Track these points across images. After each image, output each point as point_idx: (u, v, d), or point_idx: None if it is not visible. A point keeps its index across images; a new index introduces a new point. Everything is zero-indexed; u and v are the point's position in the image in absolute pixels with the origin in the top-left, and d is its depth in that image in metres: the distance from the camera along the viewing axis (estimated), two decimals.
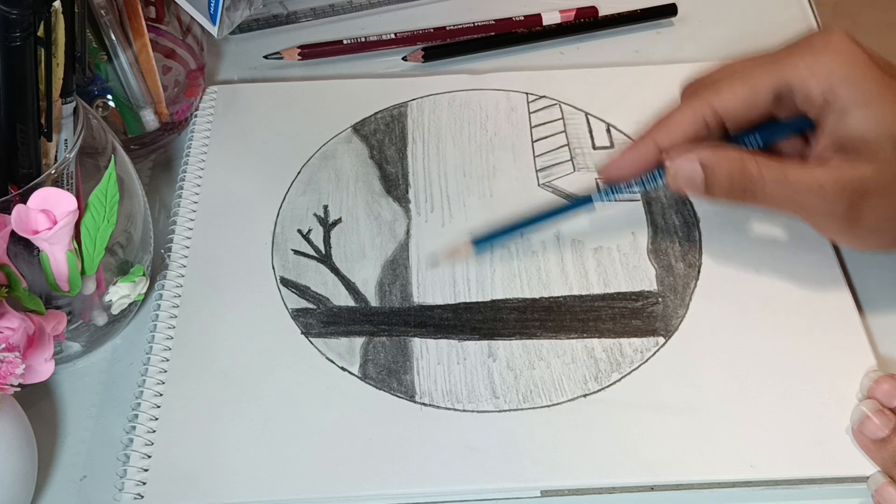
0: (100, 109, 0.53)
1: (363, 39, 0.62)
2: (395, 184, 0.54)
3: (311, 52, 0.62)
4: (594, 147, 0.55)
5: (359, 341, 0.47)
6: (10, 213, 0.39)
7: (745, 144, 0.47)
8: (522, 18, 0.64)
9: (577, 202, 0.50)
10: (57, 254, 0.41)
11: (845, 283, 0.49)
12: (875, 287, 0.49)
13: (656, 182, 0.47)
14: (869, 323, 0.47)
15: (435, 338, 0.47)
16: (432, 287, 0.49)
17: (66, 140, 0.44)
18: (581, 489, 0.42)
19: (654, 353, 0.46)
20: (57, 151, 0.44)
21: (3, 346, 0.37)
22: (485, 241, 0.50)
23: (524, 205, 0.52)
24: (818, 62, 0.44)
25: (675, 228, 0.51)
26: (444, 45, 0.62)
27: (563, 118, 0.57)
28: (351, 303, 0.49)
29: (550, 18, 0.64)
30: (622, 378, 0.45)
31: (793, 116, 0.46)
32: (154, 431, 0.44)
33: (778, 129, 0.47)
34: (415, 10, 0.65)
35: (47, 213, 0.40)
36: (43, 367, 0.40)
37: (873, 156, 0.43)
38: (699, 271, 0.49)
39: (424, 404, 0.45)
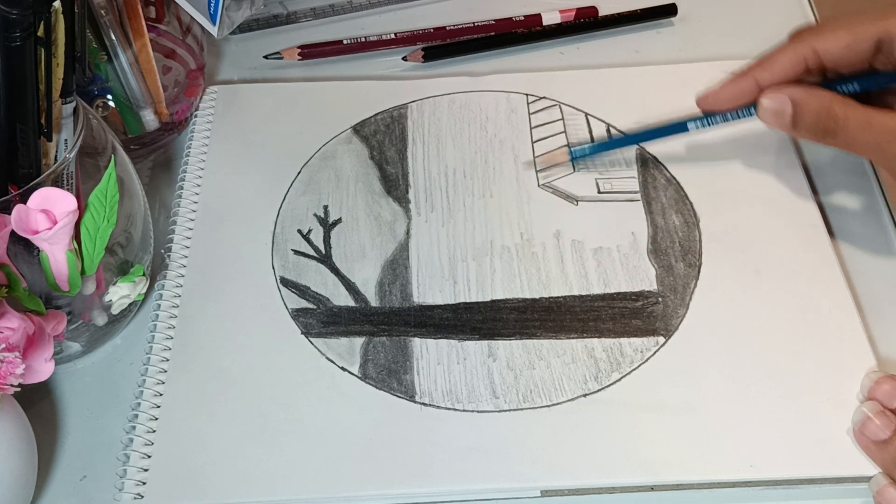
0: (100, 109, 0.53)
1: (363, 39, 0.62)
2: (395, 184, 0.54)
3: (311, 52, 0.62)
4: None
5: (359, 341, 0.47)
6: (10, 213, 0.39)
7: (840, 90, 0.48)
8: (522, 18, 0.64)
9: (672, 127, 0.52)
10: (57, 254, 0.41)
11: (845, 283, 0.49)
12: (875, 287, 0.49)
13: (749, 114, 0.50)
14: (869, 323, 0.47)
15: (435, 338, 0.47)
16: (432, 287, 0.49)
17: (66, 140, 0.44)
18: (581, 489, 0.42)
19: (654, 352, 0.46)
20: (57, 151, 0.44)
21: (3, 346, 0.37)
22: (581, 151, 0.53)
23: (524, 205, 0.52)
24: None
25: (675, 228, 0.51)
26: (444, 45, 0.62)
27: (563, 119, 0.57)
28: (351, 303, 0.49)
29: (550, 18, 0.64)
30: (622, 378, 0.45)
31: (892, 68, 0.48)
32: (154, 431, 0.44)
33: (875, 80, 0.49)
34: (415, 10, 0.65)
35: (47, 213, 0.40)
36: (43, 367, 0.40)
37: None
38: (699, 271, 0.49)
39: (424, 404, 0.45)
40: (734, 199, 0.52)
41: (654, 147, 0.55)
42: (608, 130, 0.56)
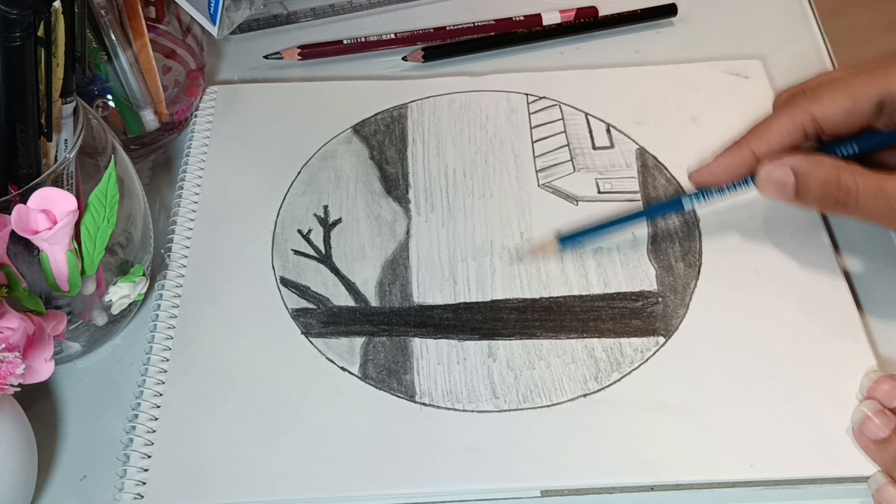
0: (100, 109, 0.53)
1: (363, 39, 0.62)
2: (395, 184, 0.54)
3: (311, 52, 0.62)
4: (594, 147, 0.55)
5: (359, 341, 0.47)
6: (10, 213, 0.39)
7: (839, 153, 0.46)
8: (522, 18, 0.64)
9: (666, 205, 0.51)
10: (57, 254, 0.41)
11: (845, 283, 0.49)
12: (875, 287, 0.49)
13: (746, 186, 0.48)
14: (869, 323, 0.47)
15: (435, 338, 0.47)
16: (432, 287, 0.49)
17: (66, 140, 0.44)
18: (581, 489, 0.42)
19: (654, 352, 0.46)
20: (57, 151, 0.44)
21: (3, 346, 0.37)
22: (570, 239, 0.50)
23: (524, 205, 0.52)
24: None
25: (675, 228, 0.51)
26: (444, 45, 0.62)
27: (563, 119, 0.57)
28: (351, 303, 0.49)
29: (550, 18, 0.64)
30: (622, 378, 0.45)
31: (893, 128, 0.46)
32: (154, 431, 0.44)
33: (876, 139, 0.47)
34: (415, 10, 0.65)
35: (47, 213, 0.40)
36: (43, 367, 0.40)
37: None
38: (699, 271, 0.49)
39: (424, 404, 0.45)
40: (734, 198, 0.52)
41: (655, 148, 0.55)
42: (608, 131, 0.56)
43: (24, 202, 0.39)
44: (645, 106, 0.57)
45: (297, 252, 0.51)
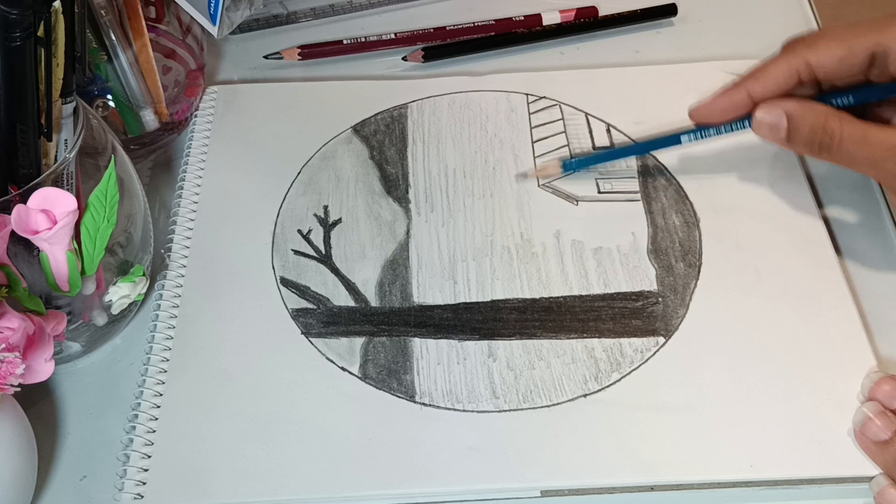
0: (100, 109, 0.53)
1: (363, 39, 0.62)
2: (395, 184, 0.54)
3: (311, 52, 0.62)
4: (594, 147, 0.55)
5: (359, 341, 0.47)
6: (10, 213, 0.39)
7: (835, 104, 0.48)
8: (522, 18, 0.64)
9: (665, 140, 0.52)
10: (57, 254, 0.41)
11: (845, 283, 0.49)
12: (875, 287, 0.49)
13: (742, 127, 0.50)
14: (869, 323, 0.47)
15: (435, 338, 0.47)
16: (432, 287, 0.49)
17: (66, 140, 0.44)
18: (581, 489, 0.42)
19: (654, 353, 0.46)
20: (57, 151, 0.44)
21: (3, 346, 0.37)
22: (573, 163, 0.53)
23: (524, 205, 0.52)
24: None
25: (675, 228, 0.51)
26: (444, 46, 0.62)
27: (563, 118, 0.57)
28: (351, 303, 0.49)
29: (550, 18, 0.64)
30: (622, 378, 0.45)
31: (886, 81, 0.47)
32: (154, 431, 0.44)
33: (871, 92, 0.48)
34: (415, 10, 0.65)
35: (47, 213, 0.40)
36: (43, 367, 0.40)
37: None
38: (699, 271, 0.49)
39: (424, 404, 0.45)
40: (734, 199, 0.52)
41: None
42: (608, 131, 0.56)
43: (24, 202, 0.39)
44: (645, 106, 0.57)
45: (297, 252, 0.51)
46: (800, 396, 0.44)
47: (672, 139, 0.52)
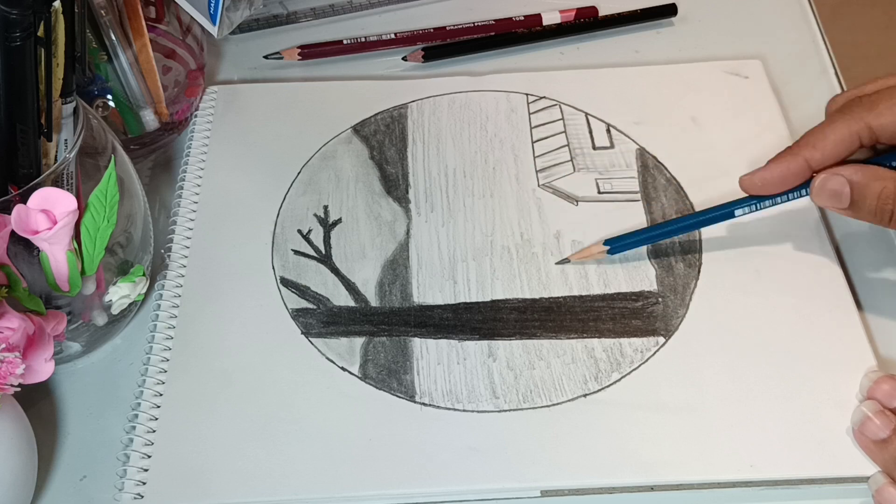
0: (100, 109, 0.53)
1: (363, 39, 0.62)
2: (395, 184, 0.54)
3: (311, 52, 0.62)
4: (594, 147, 0.55)
5: (359, 341, 0.47)
6: (10, 213, 0.39)
7: (893, 165, 0.46)
8: (522, 18, 0.64)
9: (718, 214, 0.49)
10: (57, 254, 0.41)
11: (845, 283, 0.49)
12: (875, 287, 0.49)
13: (800, 195, 0.47)
14: (869, 323, 0.47)
15: (435, 338, 0.47)
16: (432, 287, 0.49)
17: (66, 140, 0.44)
18: (581, 489, 0.42)
19: (654, 353, 0.46)
20: (57, 151, 0.44)
21: (3, 346, 0.37)
22: (618, 244, 0.49)
23: (524, 205, 0.52)
24: None
25: None
26: (443, 45, 0.62)
27: (563, 119, 0.57)
28: (351, 303, 0.49)
29: (550, 18, 0.64)
30: (622, 378, 0.45)
31: None
32: (154, 431, 0.44)
33: None
34: (415, 10, 0.65)
35: (47, 213, 0.40)
36: (43, 367, 0.40)
37: None
38: (699, 271, 0.49)
39: (424, 404, 0.45)
40: (734, 199, 0.52)
41: (655, 148, 0.55)
42: (608, 131, 0.56)
43: (24, 202, 0.39)
44: (645, 106, 0.57)
45: (297, 252, 0.51)
46: (800, 396, 0.44)
47: (725, 213, 0.49)
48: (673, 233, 0.50)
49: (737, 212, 0.49)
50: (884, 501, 0.41)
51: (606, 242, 0.49)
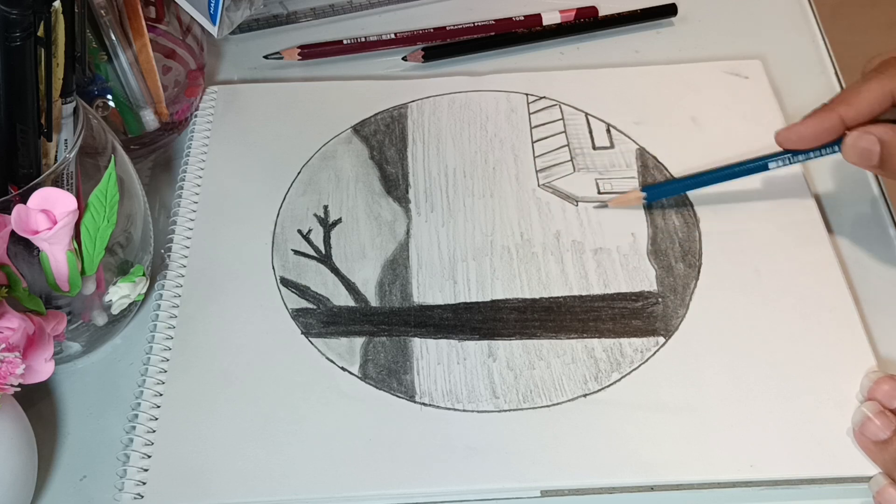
0: (100, 109, 0.53)
1: (363, 39, 0.62)
2: (395, 184, 0.54)
3: (311, 52, 0.62)
4: (594, 147, 0.55)
5: (359, 341, 0.47)
6: (10, 213, 0.39)
7: None
8: (522, 18, 0.64)
9: (751, 165, 0.50)
10: (57, 254, 0.41)
11: (845, 283, 0.49)
12: (875, 287, 0.49)
13: (832, 151, 0.48)
14: (869, 323, 0.47)
15: (435, 338, 0.47)
16: (432, 287, 0.49)
17: (66, 140, 0.44)
18: (581, 489, 0.42)
19: (654, 353, 0.46)
20: (57, 151, 0.44)
21: (3, 346, 0.37)
22: (655, 190, 0.51)
23: (524, 205, 0.52)
24: None
25: (675, 228, 0.51)
26: (443, 45, 0.62)
27: (563, 119, 0.57)
28: (351, 303, 0.49)
29: (550, 18, 0.64)
30: (622, 378, 0.45)
31: None
32: (154, 431, 0.44)
33: None
34: (415, 10, 0.65)
35: (47, 213, 0.40)
36: (43, 367, 0.40)
37: None
38: (699, 271, 0.49)
39: (424, 404, 0.45)
40: (734, 199, 0.52)
41: (655, 148, 0.55)
42: (608, 131, 0.56)
43: (24, 202, 0.39)
44: (645, 106, 0.57)
45: (297, 252, 0.51)
46: (800, 396, 0.44)
47: (759, 165, 0.50)
48: (707, 182, 0.51)
49: (770, 164, 0.50)
50: (885, 503, 0.41)
51: (644, 189, 0.51)
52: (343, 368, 0.46)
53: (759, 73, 0.59)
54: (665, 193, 0.52)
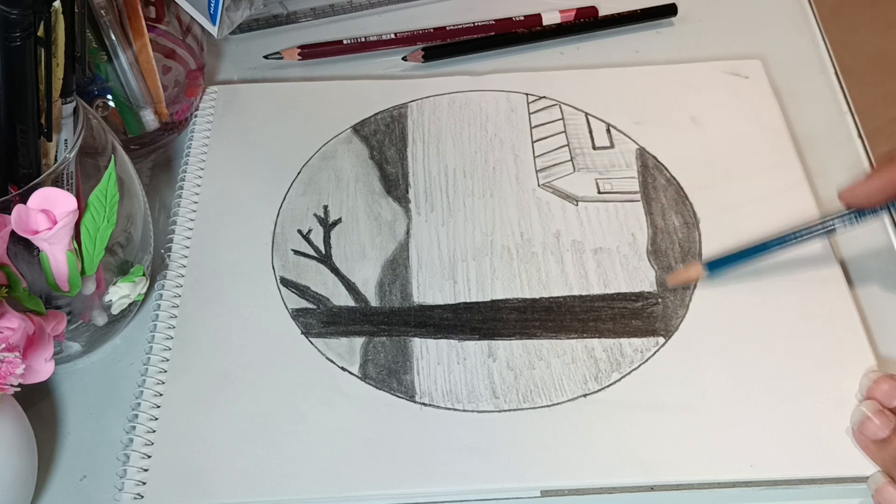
0: (100, 109, 0.53)
1: (363, 39, 0.62)
2: (395, 184, 0.54)
3: (311, 52, 0.62)
4: (594, 147, 0.55)
5: (359, 341, 0.47)
6: (10, 213, 0.39)
7: None
8: (522, 18, 0.64)
9: (819, 229, 0.47)
10: (57, 254, 0.41)
11: (845, 283, 0.49)
12: (875, 287, 0.49)
13: None
14: (869, 323, 0.47)
15: (435, 338, 0.47)
16: (432, 287, 0.49)
17: (66, 140, 0.44)
18: (581, 489, 0.42)
19: (654, 353, 0.46)
20: (57, 151, 0.44)
21: (3, 346, 0.37)
22: (718, 265, 0.48)
23: (524, 205, 0.52)
24: None
25: (675, 229, 0.51)
26: (444, 45, 0.62)
27: (563, 118, 0.57)
28: (351, 303, 0.49)
29: (550, 18, 0.64)
30: (622, 378, 0.45)
31: None
32: (154, 431, 0.44)
33: None
34: (415, 10, 0.65)
35: (47, 213, 0.40)
36: (43, 367, 0.40)
37: None
38: None
39: (424, 404, 0.45)
40: (734, 199, 0.52)
41: (655, 148, 0.55)
42: (608, 131, 0.56)
43: (24, 202, 0.39)
44: (645, 106, 0.57)
45: (297, 252, 0.51)
46: (800, 396, 0.44)
47: (826, 229, 0.47)
48: (772, 250, 0.48)
49: (838, 227, 0.47)
50: (883, 501, 0.41)
51: (708, 265, 0.48)
52: (343, 368, 0.46)
53: (759, 73, 0.59)
54: (728, 265, 0.48)
